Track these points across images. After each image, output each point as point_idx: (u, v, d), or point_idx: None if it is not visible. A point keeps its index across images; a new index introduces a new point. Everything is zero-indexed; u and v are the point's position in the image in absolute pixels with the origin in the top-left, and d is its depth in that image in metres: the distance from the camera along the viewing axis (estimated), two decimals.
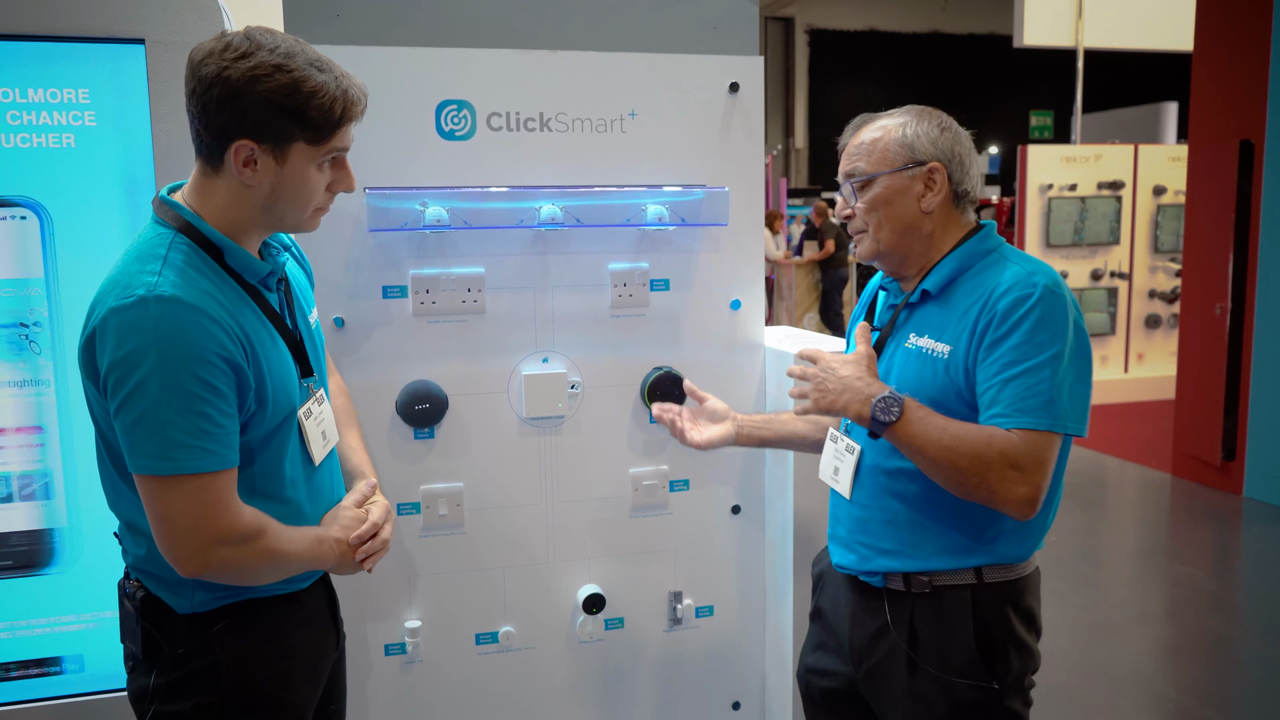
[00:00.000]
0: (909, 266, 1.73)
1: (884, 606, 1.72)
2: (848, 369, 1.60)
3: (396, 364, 2.09)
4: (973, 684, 1.64)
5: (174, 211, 1.42)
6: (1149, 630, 4.12)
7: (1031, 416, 1.51)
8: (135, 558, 1.48)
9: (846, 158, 1.74)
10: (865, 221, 1.71)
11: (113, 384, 1.31)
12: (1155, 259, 8.71)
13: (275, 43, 1.36)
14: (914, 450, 1.56)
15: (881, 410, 1.54)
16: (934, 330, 1.66)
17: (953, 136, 1.69)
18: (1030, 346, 1.53)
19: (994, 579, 1.66)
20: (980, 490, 1.53)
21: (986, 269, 1.65)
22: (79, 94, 2.01)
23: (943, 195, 1.68)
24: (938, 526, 1.66)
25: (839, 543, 1.81)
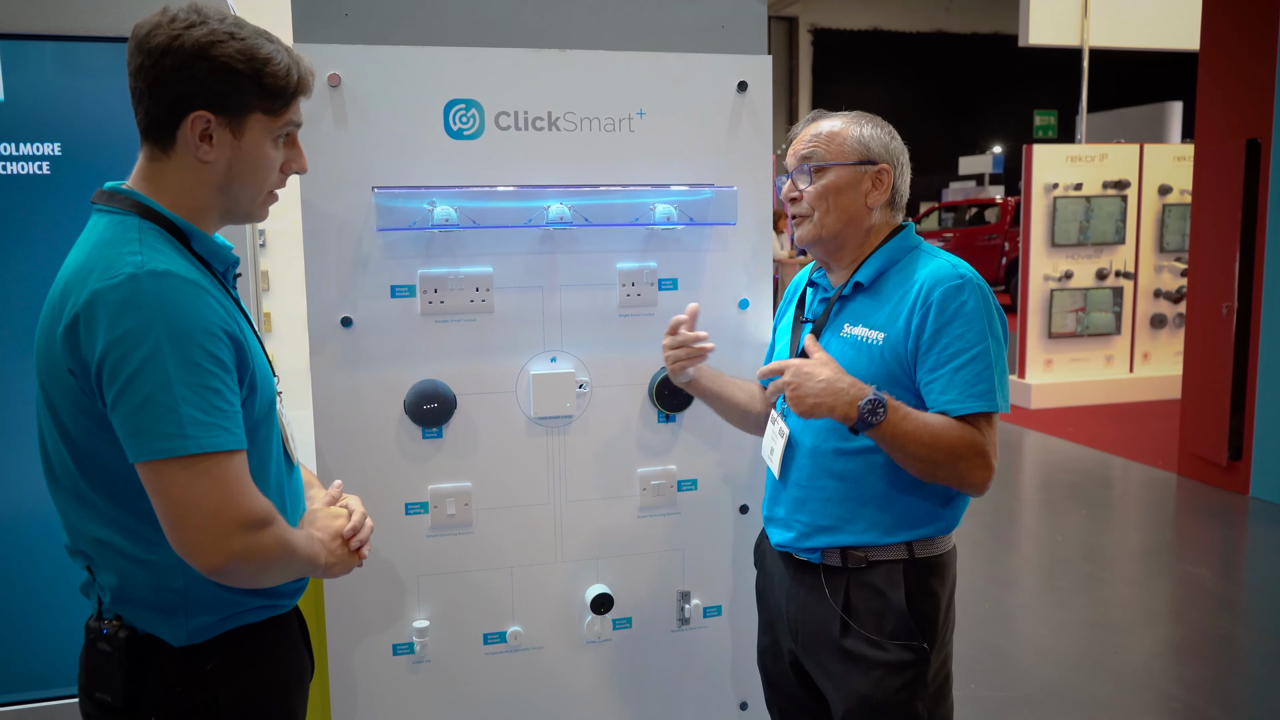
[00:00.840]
0: (842, 256, 1.88)
1: (820, 580, 1.85)
2: (826, 371, 1.69)
3: (404, 364, 2.09)
4: (904, 644, 1.79)
5: (130, 199, 1.34)
6: (1154, 630, 4.12)
7: (983, 401, 1.69)
8: (112, 590, 1.35)
9: (802, 144, 1.86)
10: (812, 206, 1.84)
11: (110, 366, 1.22)
12: (1160, 258, 8.69)
13: (222, 14, 1.33)
14: (896, 446, 1.68)
15: (869, 413, 1.65)
16: (866, 319, 1.81)
17: (899, 146, 1.88)
18: (972, 335, 1.70)
19: (923, 554, 1.82)
20: (950, 477, 1.71)
21: (911, 263, 1.82)
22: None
23: (886, 195, 1.84)
24: (873, 504, 1.80)
25: (777, 523, 1.94)
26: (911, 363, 1.75)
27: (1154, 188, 8.60)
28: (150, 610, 1.35)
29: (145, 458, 1.23)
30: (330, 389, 2.05)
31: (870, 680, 1.79)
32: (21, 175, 2.10)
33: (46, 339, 1.31)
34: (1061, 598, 4.44)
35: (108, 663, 1.35)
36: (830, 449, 1.82)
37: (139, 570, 1.34)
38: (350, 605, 2.12)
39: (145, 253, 1.27)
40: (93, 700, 1.38)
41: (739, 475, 2.33)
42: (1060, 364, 8.56)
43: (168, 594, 1.34)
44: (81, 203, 2.06)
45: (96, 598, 1.39)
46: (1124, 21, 8.80)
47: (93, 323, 1.23)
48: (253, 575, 1.31)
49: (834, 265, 1.91)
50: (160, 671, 1.36)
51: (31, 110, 2.10)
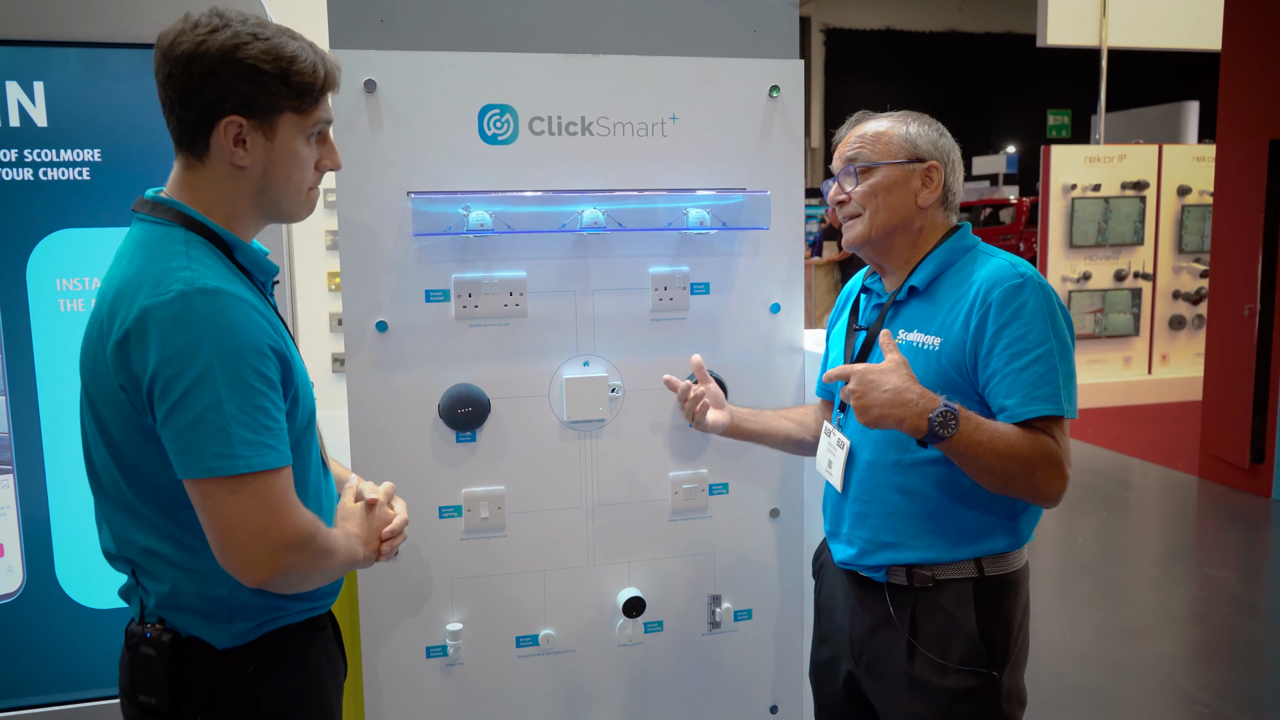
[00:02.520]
0: (894, 259, 1.81)
1: (885, 600, 1.76)
2: (894, 379, 1.57)
3: (439, 368, 2.10)
4: (973, 670, 1.69)
5: (173, 209, 1.35)
6: (1176, 633, 4.10)
7: (1048, 404, 1.60)
8: (158, 597, 1.36)
9: (847, 146, 1.81)
10: (861, 206, 1.78)
11: (163, 384, 1.23)
12: (1180, 259, 8.65)
13: (244, 16, 1.33)
14: (968, 458, 1.58)
15: (940, 425, 1.54)
16: (922, 324, 1.74)
17: (949, 143, 1.80)
18: (1035, 335, 1.61)
19: (994, 571, 1.72)
20: (1024, 489, 1.61)
21: (968, 264, 1.74)
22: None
23: (936, 194, 1.77)
24: (938, 516, 1.72)
25: (838, 539, 1.86)
26: (971, 368, 1.67)
27: (1173, 188, 8.55)
28: (195, 615, 1.36)
29: (194, 475, 1.25)
30: (365, 393, 2.06)
31: (935, 708, 1.70)
32: (62, 181, 2.12)
33: (95, 353, 1.32)
34: (1082, 601, 4.42)
35: (152, 666, 1.36)
36: (890, 462, 1.74)
37: (186, 578, 1.35)
38: (384, 607, 2.13)
39: (194, 268, 1.27)
40: (135, 704, 1.39)
41: (770, 479, 2.33)
42: (1078, 365, 8.44)
43: (212, 601, 1.36)
44: (122, 208, 2.10)
45: (139, 602, 1.40)
46: (1142, 21, 8.76)
47: (144, 339, 1.24)
48: (295, 585, 1.35)
49: (887, 269, 1.84)
50: (203, 674, 1.37)
51: (72, 118, 2.12)
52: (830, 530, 1.90)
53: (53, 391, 2.19)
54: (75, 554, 2.25)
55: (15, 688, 2.24)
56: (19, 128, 2.10)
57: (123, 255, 1.35)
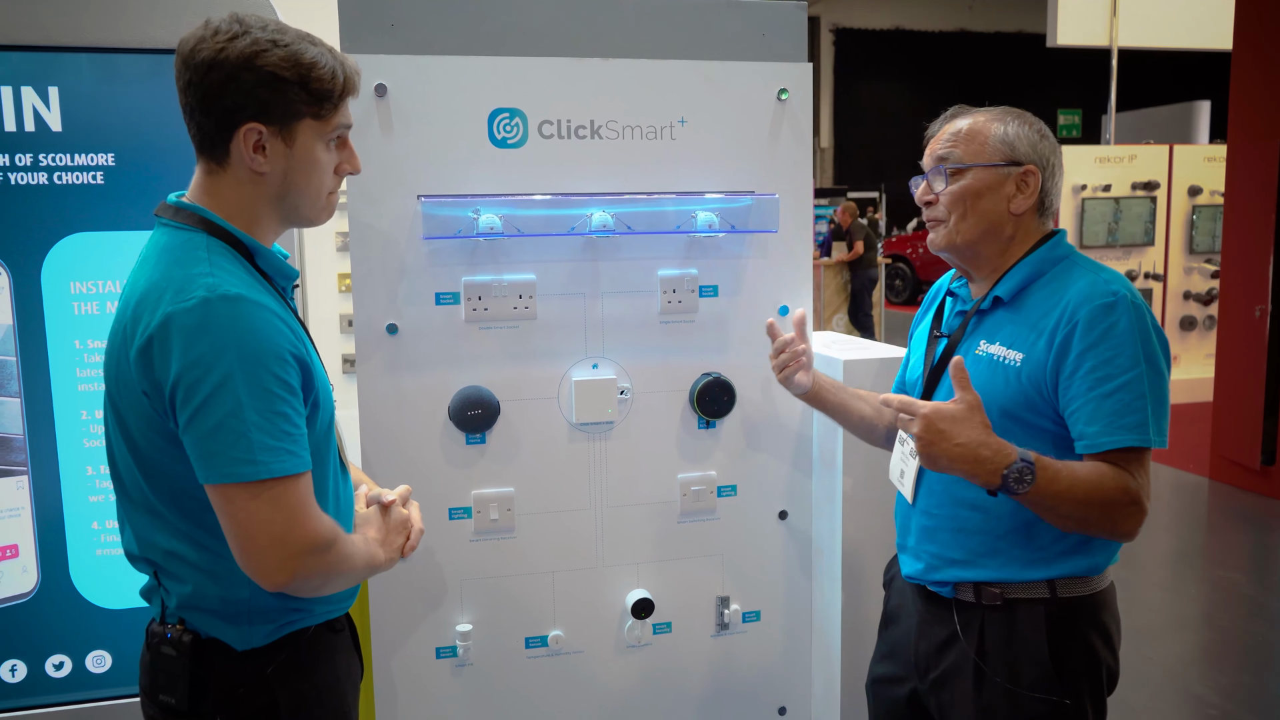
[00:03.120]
0: (981, 266, 1.71)
1: (952, 616, 1.68)
2: (967, 431, 1.45)
3: (449, 370, 2.11)
4: (1044, 698, 1.60)
5: (196, 215, 1.36)
6: (1187, 635, 4.09)
7: (1134, 434, 1.49)
8: (180, 598, 1.38)
9: (939, 143, 1.70)
10: (948, 210, 1.67)
11: (184, 390, 1.24)
12: (1190, 260, 8.62)
13: (263, 21, 1.33)
14: (1044, 508, 1.49)
15: (1015, 481, 1.44)
16: (1005, 338, 1.63)
17: (1050, 145, 1.67)
18: (1123, 359, 1.50)
19: (1069, 593, 1.61)
20: (1101, 530, 1.53)
21: (1059, 276, 1.63)
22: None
23: (1033, 200, 1.65)
24: (1010, 537, 1.62)
25: (907, 552, 1.78)
26: (1052, 389, 1.55)
27: (1184, 189, 8.52)
28: (215, 617, 1.38)
29: (215, 480, 1.26)
30: (376, 395, 2.08)
31: None
32: (77, 185, 2.14)
33: (118, 358, 1.33)
34: None
35: (172, 666, 1.37)
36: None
37: (207, 580, 1.37)
38: (394, 609, 2.14)
39: (216, 274, 1.29)
40: (156, 703, 1.40)
41: (779, 481, 2.33)
42: None
43: (233, 603, 1.37)
44: (136, 212, 2.12)
45: (160, 602, 1.42)
46: (1153, 21, 8.74)
47: (167, 346, 1.25)
48: (315, 589, 1.36)
49: (973, 275, 1.74)
50: (223, 675, 1.38)
51: (86, 122, 2.14)
52: (899, 542, 1.83)
53: (67, 394, 2.21)
54: (89, 555, 2.26)
55: (30, 687, 2.26)
56: (34, 132, 2.11)
57: (146, 260, 1.36)
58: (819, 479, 2.34)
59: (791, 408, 2.31)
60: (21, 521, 2.23)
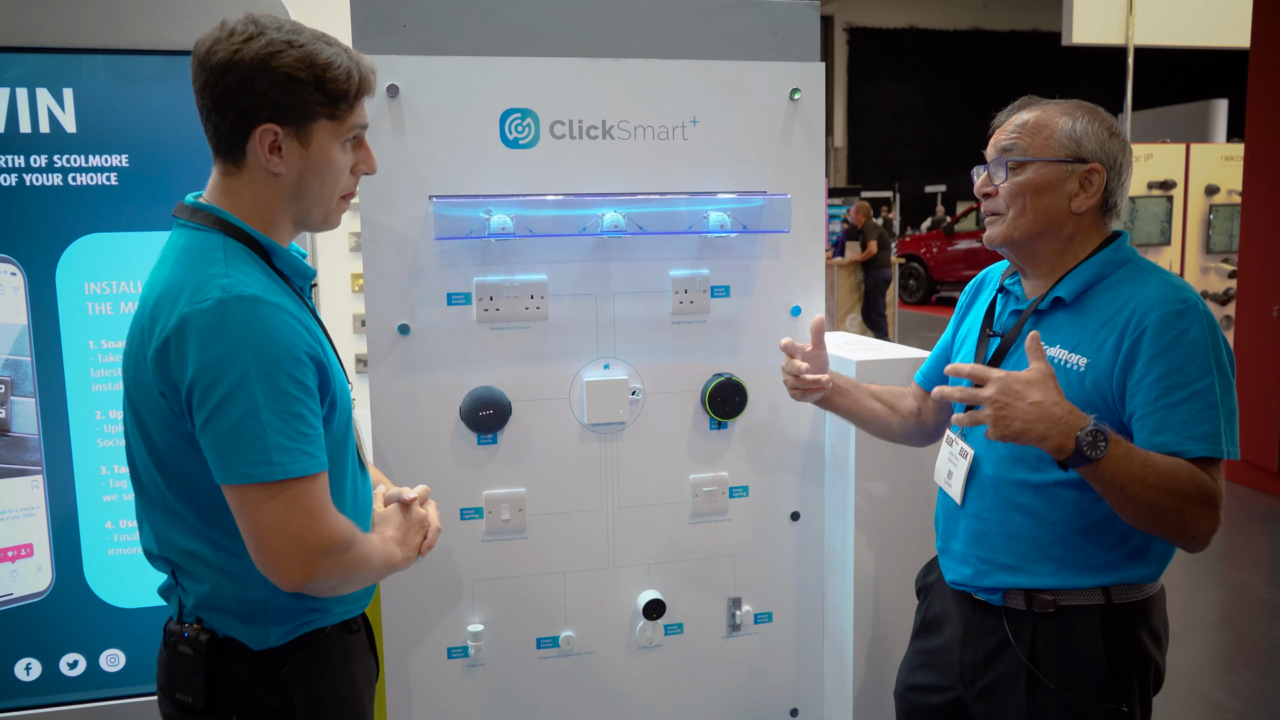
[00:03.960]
0: (1039, 264, 1.66)
1: (1003, 624, 1.64)
2: (1038, 392, 1.40)
3: (460, 370, 2.11)
4: (1101, 705, 1.56)
5: (213, 215, 1.36)
6: (1203, 638, 4.06)
7: (1206, 444, 1.44)
8: (197, 597, 1.38)
9: (1004, 134, 1.65)
10: (1007, 204, 1.62)
11: (201, 391, 1.24)
12: (1207, 260, 8.55)
13: (279, 22, 1.33)
14: (1114, 487, 1.43)
15: (1089, 445, 1.38)
16: (1068, 340, 1.58)
17: (1120, 144, 1.62)
18: (1194, 368, 1.46)
19: (1123, 599, 1.57)
20: (1173, 526, 1.45)
21: (1125, 280, 1.57)
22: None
23: (1096, 200, 1.61)
24: (1064, 543, 1.58)
25: (953, 557, 1.74)
26: (1118, 396, 1.51)
27: (1200, 188, 8.46)
28: (231, 616, 1.38)
29: (232, 481, 1.26)
30: (388, 395, 2.08)
31: None
32: (91, 186, 2.15)
33: (136, 359, 1.34)
34: None
35: (189, 665, 1.38)
36: (1015, 480, 1.60)
37: (224, 580, 1.37)
38: (406, 609, 2.14)
39: (232, 274, 1.29)
40: (173, 701, 1.41)
41: (790, 482, 2.33)
42: None
43: (249, 603, 1.38)
44: (149, 213, 2.13)
45: (178, 601, 1.42)
46: (1169, 19, 8.67)
47: (183, 347, 1.25)
48: (332, 589, 1.36)
49: (1028, 272, 1.68)
50: (239, 674, 1.39)
51: (100, 123, 2.15)
52: (941, 546, 1.78)
53: (81, 394, 2.22)
54: (103, 554, 2.27)
55: (45, 686, 2.27)
56: (49, 133, 2.13)
57: (164, 261, 1.36)
58: (831, 480, 2.33)
59: (804, 408, 2.30)
60: (36, 521, 2.24)
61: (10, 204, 2.14)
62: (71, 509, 2.24)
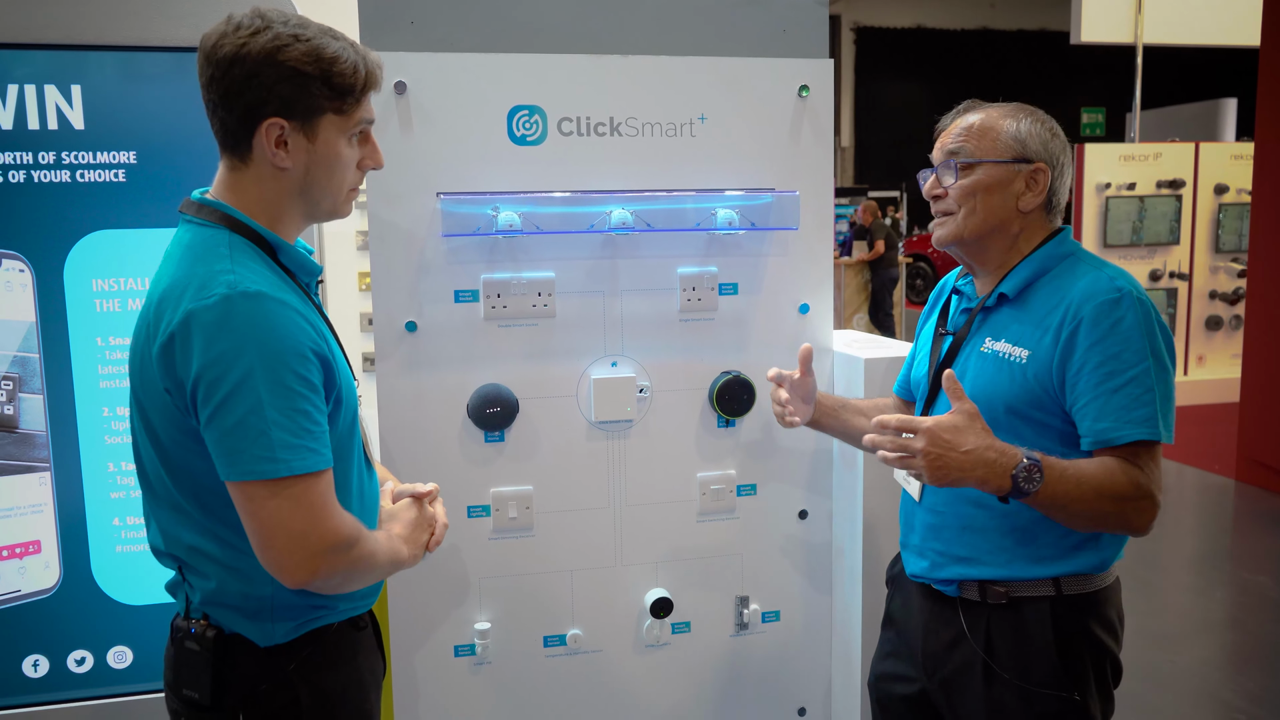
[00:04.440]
0: (987, 261, 1.71)
1: (959, 616, 1.69)
2: (970, 439, 1.44)
3: (467, 368, 2.10)
4: (1054, 694, 1.61)
5: (219, 211, 1.35)
6: (1213, 638, 4.04)
7: (1143, 428, 1.50)
8: (204, 593, 1.38)
9: (950, 137, 1.70)
10: (957, 204, 1.67)
11: (205, 387, 1.24)
12: (1216, 259, 8.51)
13: (285, 16, 1.32)
14: (1055, 508, 1.48)
15: (1025, 480, 1.43)
16: (1011, 334, 1.64)
17: (1061, 144, 1.68)
18: (1129, 354, 1.51)
19: (1074, 590, 1.62)
20: (1117, 525, 1.53)
21: (1064, 273, 1.63)
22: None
23: (1040, 198, 1.66)
24: (1015, 535, 1.63)
25: (911, 550, 1.80)
26: (1059, 386, 1.56)
27: (1210, 187, 8.42)
28: (238, 613, 1.38)
29: (236, 478, 1.26)
30: (395, 392, 2.08)
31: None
32: (99, 183, 2.15)
33: (142, 355, 1.33)
34: None
35: (195, 661, 1.38)
36: None
37: (230, 576, 1.37)
38: (413, 606, 2.14)
39: (238, 270, 1.28)
40: (180, 697, 1.41)
41: (798, 480, 2.32)
42: None
43: (256, 599, 1.37)
44: (157, 209, 2.13)
45: (184, 597, 1.42)
46: (1178, 17, 8.63)
47: (188, 343, 1.25)
48: (338, 586, 1.36)
49: (979, 270, 1.74)
50: (246, 670, 1.39)
51: (108, 120, 2.15)
52: (903, 540, 1.84)
53: (88, 391, 2.22)
54: (110, 551, 2.28)
55: (52, 682, 2.27)
56: (57, 130, 2.13)
57: (170, 257, 1.36)
58: (839, 479, 2.32)
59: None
60: (44, 517, 2.24)
61: (18, 201, 2.14)
62: (79, 506, 2.25)
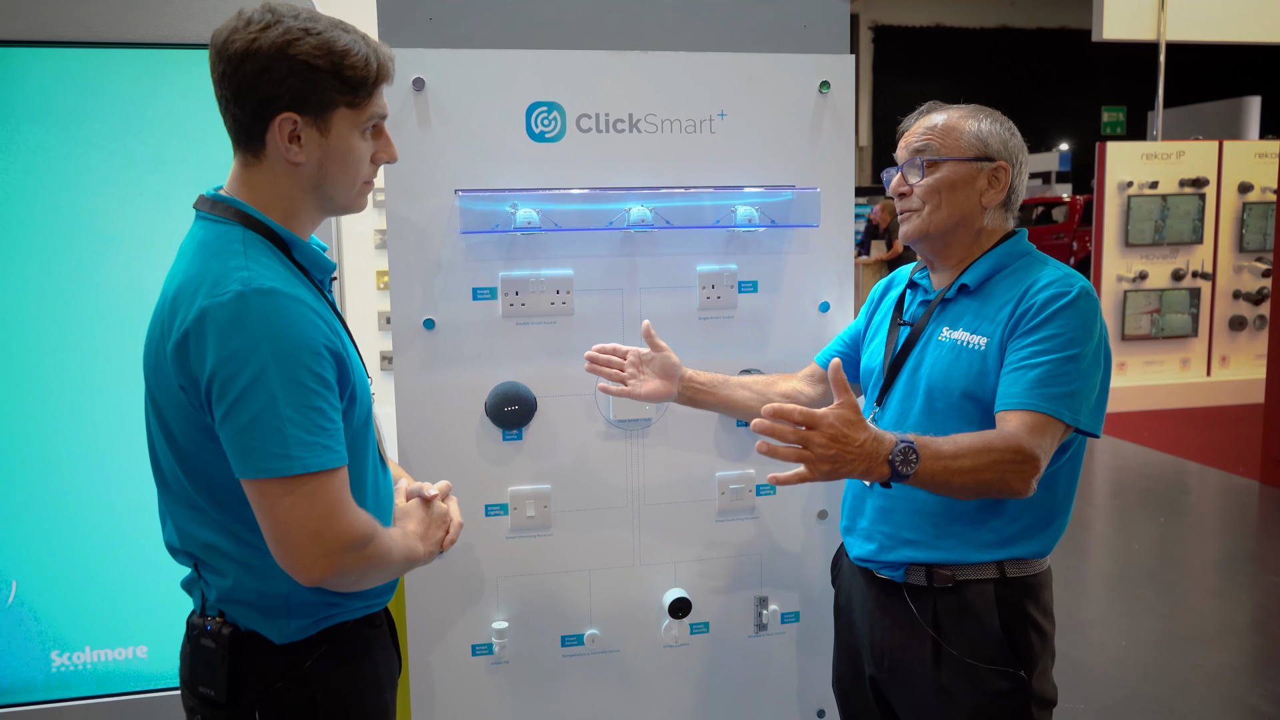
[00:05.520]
0: (949, 256, 1.79)
1: (905, 601, 1.74)
2: (861, 432, 1.44)
3: (486, 366, 2.09)
4: (1002, 670, 1.67)
5: (233, 208, 1.35)
6: (1237, 642, 3.99)
7: (1051, 404, 1.55)
8: (219, 591, 1.38)
9: (915, 136, 1.77)
10: (922, 201, 1.75)
11: (220, 384, 1.23)
12: (1240, 258, 8.43)
13: (295, 10, 1.32)
14: (937, 484, 1.51)
15: (902, 463, 1.46)
16: (969, 324, 1.71)
17: (1019, 144, 1.76)
18: (1062, 340, 1.57)
19: (1015, 574, 1.70)
20: (999, 489, 1.54)
21: (1024, 269, 1.72)
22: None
23: (1001, 195, 1.74)
24: (964, 519, 1.69)
25: (858, 534, 1.84)
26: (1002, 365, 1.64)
27: (1234, 185, 8.34)
28: (253, 610, 1.38)
29: (251, 475, 1.25)
30: (412, 390, 2.07)
31: (963, 711, 1.68)
32: None
33: (156, 352, 1.33)
34: (1138, 608, 4.32)
35: (211, 658, 1.38)
36: None
37: (246, 573, 1.37)
38: (431, 605, 2.13)
39: (251, 267, 1.28)
40: (195, 694, 1.41)
41: (819, 481, 2.29)
42: (1133, 367, 8.34)
43: (271, 597, 1.37)
44: (170, 209, 2.13)
45: (200, 594, 1.42)
46: (1202, 14, 8.53)
47: (202, 340, 1.25)
48: (353, 584, 1.35)
49: (938, 265, 1.82)
50: (261, 668, 1.38)
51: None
52: (847, 525, 1.89)
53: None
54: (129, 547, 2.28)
55: (71, 679, 2.28)
56: None
57: (184, 254, 1.36)
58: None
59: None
60: None
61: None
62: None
